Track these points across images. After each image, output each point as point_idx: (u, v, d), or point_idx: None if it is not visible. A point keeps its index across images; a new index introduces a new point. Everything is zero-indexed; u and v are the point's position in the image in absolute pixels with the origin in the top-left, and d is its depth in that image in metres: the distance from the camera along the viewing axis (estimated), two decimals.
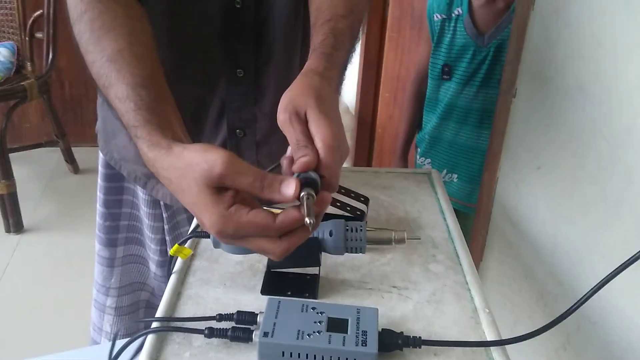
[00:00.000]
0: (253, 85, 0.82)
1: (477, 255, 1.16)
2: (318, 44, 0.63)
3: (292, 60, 0.82)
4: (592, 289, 0.51)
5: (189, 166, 0.51)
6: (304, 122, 0.55)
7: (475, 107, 1.34)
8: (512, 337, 0.56)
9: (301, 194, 0.51)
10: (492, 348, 0.57)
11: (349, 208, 0.76)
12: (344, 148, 0.55)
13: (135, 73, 0.60)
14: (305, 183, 0.51)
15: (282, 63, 0.61)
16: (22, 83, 2.31)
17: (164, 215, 0.97)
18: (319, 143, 0.53)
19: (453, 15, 1.35)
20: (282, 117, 0.55)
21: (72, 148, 2.78)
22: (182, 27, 0.79)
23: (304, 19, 0.72)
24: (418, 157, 1.53)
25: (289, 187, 0.50)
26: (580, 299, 0.52)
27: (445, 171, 1.44)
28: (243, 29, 0.80)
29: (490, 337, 0.58)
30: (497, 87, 1.28)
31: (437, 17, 1.38)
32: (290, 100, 0.56)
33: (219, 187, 0.51)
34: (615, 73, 0.75)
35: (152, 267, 1.05)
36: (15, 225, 2.35)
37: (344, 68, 0.64)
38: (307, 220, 0.50)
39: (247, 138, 0.86)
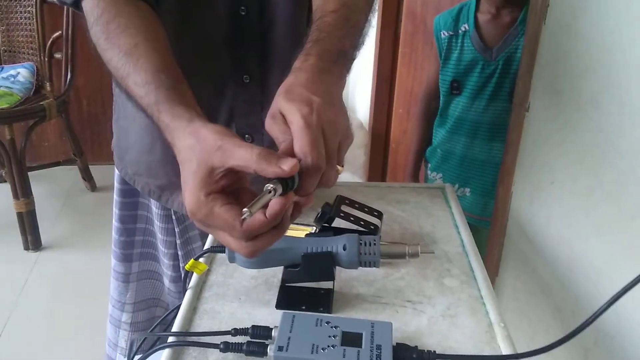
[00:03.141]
0: (259, 91, 0.84)
1: (493, 270, 1.15)
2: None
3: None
4: (608, 301, 0.51)
5: (199, 141, 0.53)
6: (281, 122, 0.55)
7: (485, 120, 1.35)
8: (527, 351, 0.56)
9: (265, 185, 0.49)
10: None
11: (362, 222, 0.76)
12: (331, 128, 0.53)
13: (153, 62, 0.62)
14: (274, 178, 0.50)
15: (287, 68, 0.62)
16: (41, 103, 2.35)
17: (176, 229, 0.98)
18: (292, 129, 0.53)
19: (460, 31, 1.36)
20: (265, 125, 0.57)
21: (90, 166, 2.82)
22: (190, 36, 0.81)
23: (308, 24, 0.73)
24: (429, 172, 1.54)
25: (286, 163, 0.50)
26: (597, 311, 0.52)
27: (457, 185, 1.44)
28: (248, 35, 0.82)
29: (505, 351, 0.58)
30: (507, 100, 1.29)
31: (444, 34, 1.40)
32: (269, 108, 0.58)
33: (213, 171, 0.52)
34: (628, 85, 0.75)
35: (166, 282, 1.05)
36: (34, 243, 2.37)
37: (334, 54, 0.63)
38: (244, 209, 0.48)
39: (255, 144, 0.87)
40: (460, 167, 1.43)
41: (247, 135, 0.87)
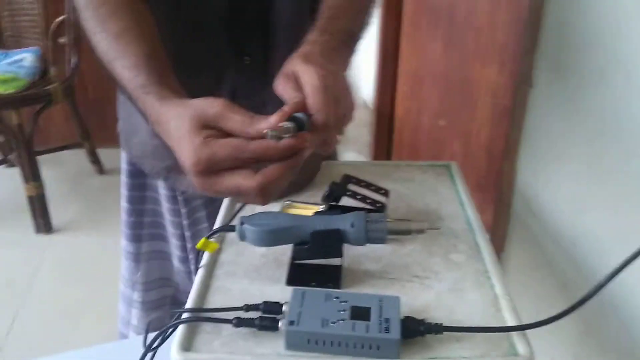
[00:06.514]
0: (261, 71, 0.84)
1: (498, 245, 1.17)
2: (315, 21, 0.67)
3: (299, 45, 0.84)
4: (611, 272, 0.52)
5: (188, 107, 0.56)
6: (293, 80, 0.58)
7: None
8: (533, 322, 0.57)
9: (282, 122, 0.54)
10: (513, 333, 0.58)
11: (369, 201, 0.77)
12: (340, 95, 0.57)
13: (143, 47, 0.63)
14: (288, 119, 0.54)
15: (290, 48, 0.63)
16: (47, 87, 2.36)
17: (182, 211, 0.99)
18: (305, 87, 0.56)
19: None
20: (276, 85, 0.60)
21: (97, 149, 2.83)
22: (187, 17, 0.81)
23: (311, 2, 0.74)
24: None
25: (273, 117, 0.54)
26: (600, 282, 0.53)
27: None
28: (249, 15, 0.81)
29: (511, 322, 0.59)
30: None
31: None
32: (281, 70, 0.60)
33: (206, 125, 0.54)
34: (634, 57, 0.75)
35: (176, 262, 1.07)
36: (45, 226, 2.40)
37: (344, 34, 0.66)
38: (267, 130, 0.52)
39: None
40: None
41: None
